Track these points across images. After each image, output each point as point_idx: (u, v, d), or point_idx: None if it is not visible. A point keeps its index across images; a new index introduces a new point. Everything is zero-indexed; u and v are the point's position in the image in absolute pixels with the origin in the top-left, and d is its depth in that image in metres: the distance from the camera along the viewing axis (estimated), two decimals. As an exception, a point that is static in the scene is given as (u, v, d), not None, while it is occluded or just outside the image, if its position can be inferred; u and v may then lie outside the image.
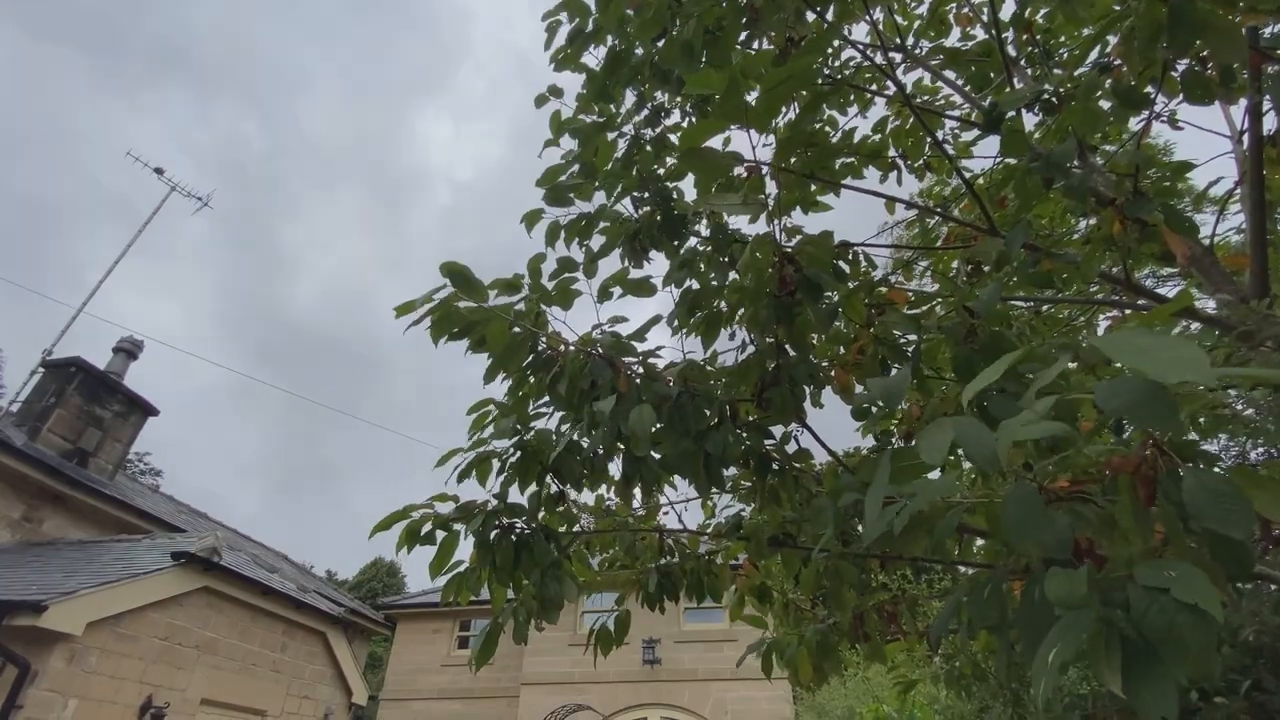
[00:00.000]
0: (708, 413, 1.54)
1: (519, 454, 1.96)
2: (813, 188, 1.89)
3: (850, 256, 1.95)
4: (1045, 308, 2.56)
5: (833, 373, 1.77)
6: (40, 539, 8.52)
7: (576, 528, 2.18)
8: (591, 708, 11.49)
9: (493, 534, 1.84)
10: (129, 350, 11.69)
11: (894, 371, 1.80)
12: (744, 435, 1.58)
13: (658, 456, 1.86)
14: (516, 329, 1.67)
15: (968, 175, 2.65)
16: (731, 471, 2.34)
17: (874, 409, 1.36)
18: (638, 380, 1.61)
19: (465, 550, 1.95)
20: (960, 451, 0.97)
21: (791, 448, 1.81)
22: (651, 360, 1.70)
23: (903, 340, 1.56)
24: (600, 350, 1.68)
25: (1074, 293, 2.58)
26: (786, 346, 1.52)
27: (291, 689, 8.78)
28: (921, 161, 2.37)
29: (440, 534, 1.88)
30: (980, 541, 2.26)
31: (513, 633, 1.85)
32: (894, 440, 2.03)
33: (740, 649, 9.54)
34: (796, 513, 1.92)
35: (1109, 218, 1.56)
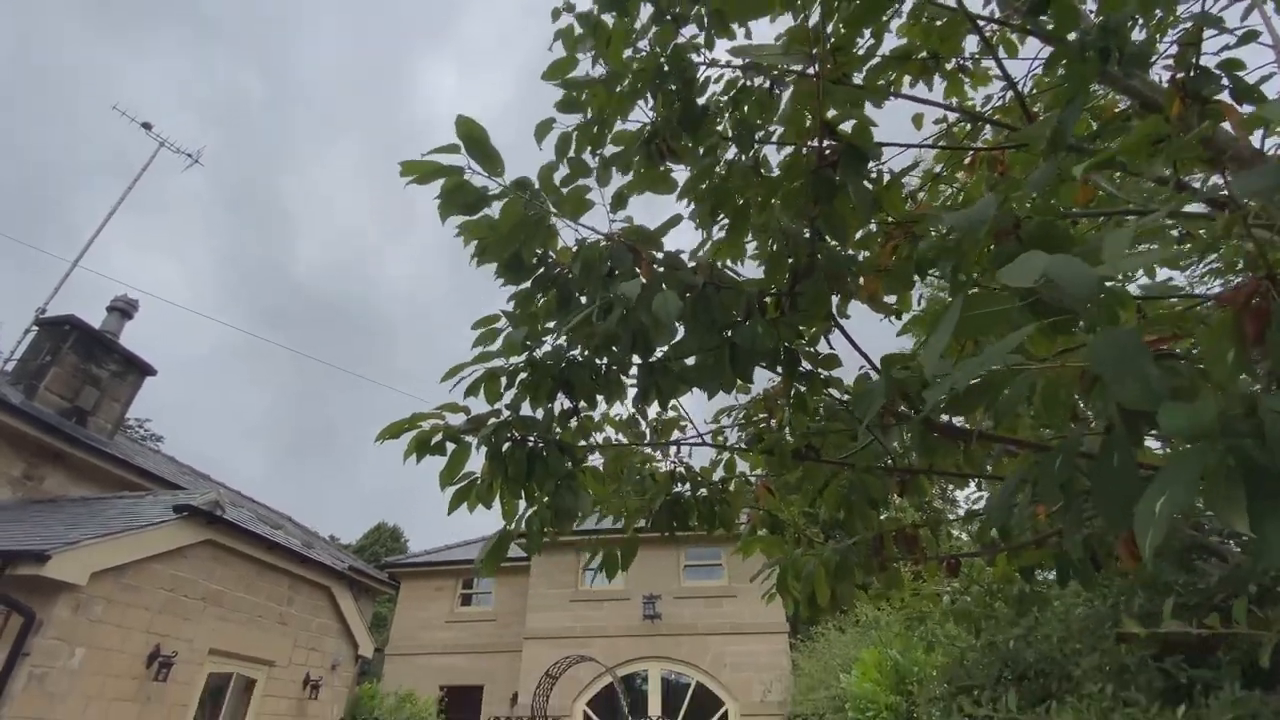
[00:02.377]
0: (735, 313, 1.44)
1: (530, 370, 1.86)
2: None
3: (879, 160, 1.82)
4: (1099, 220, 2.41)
5: (860, 281, 1.66)
6: (42, 496, 8.50)
7: (593, 439, 2.10)
8: (594, 659, 11.71)
9: (505, 446, 1.76)
10: (123, 309, 11.53)
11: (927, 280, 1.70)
12: (774, 329, 1.47)
13: (678, 368, 1.77)
14: (530, 212, 1.55)
15: (1000, 88, 2.49)
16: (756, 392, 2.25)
17: (939, 261, 1.24)
18: (660, 270, 1.50)
19: (475, 464, 1.87)
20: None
21: (822, 348, 1.72)
22: (675, 252, 1.59)
23: (942, 234, 1.45)
24: (620, 236, 1.56)
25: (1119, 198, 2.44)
26: (822, 234, 1.41)
27: (299, 641, 8.89)
28: (954, 63, 2.21)
29: (450, 446, 1.80)
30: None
31: (527, 542, 1.78)
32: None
33: (739, 605, 9.74)
34: (822, 424, 1.84)
35: (1169, 96, 1.44)
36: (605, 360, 1.87)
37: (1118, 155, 1.48)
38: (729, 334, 1.45)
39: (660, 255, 1.52)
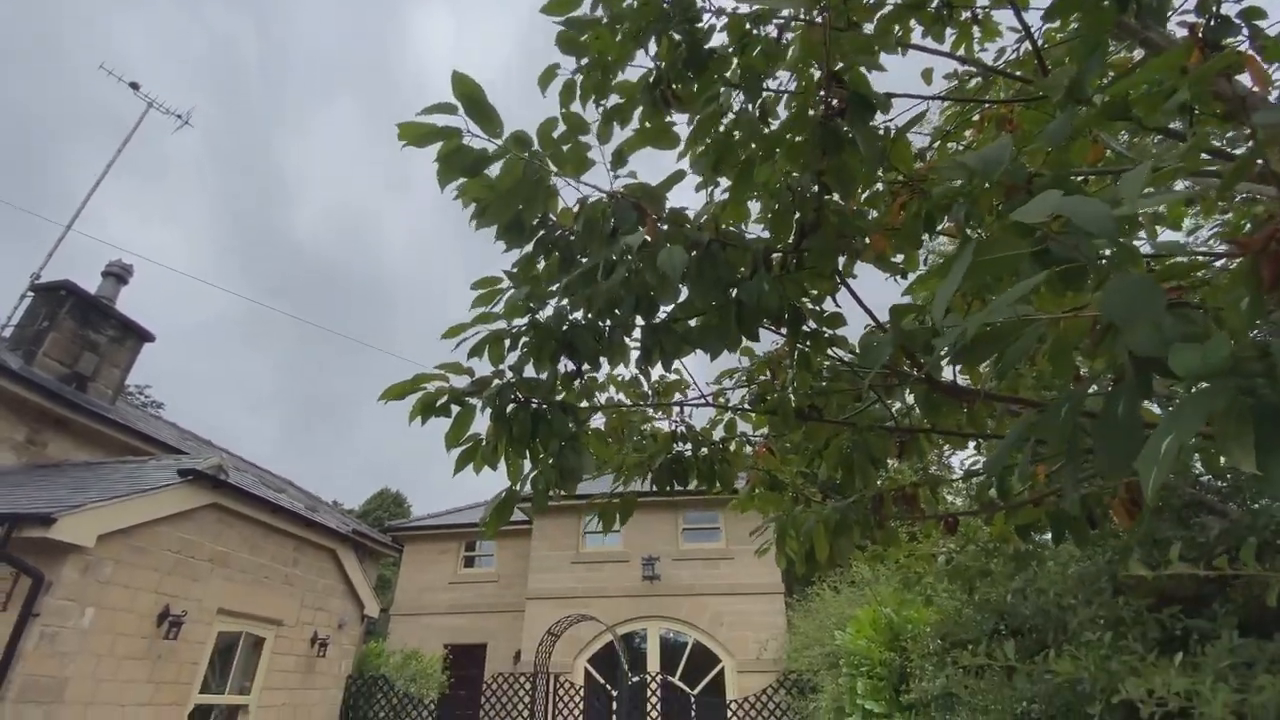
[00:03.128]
0: (740, 270, 1.42)
1: (532, 332, 1.85)
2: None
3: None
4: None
5: (867, 239, 1.64)
6: (45, 461, 8.56)
7: (596, 400, 2.10)
8: (595, 618, 11.99)
9: (509, 407, 1.76)
10: (118, 274, 11.42)
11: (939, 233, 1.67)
12: (780, 286, 1.46)
13: (681, 329, 1.75)
14: (530, 173, 1.51)
15: (1015, 40, 2.42)
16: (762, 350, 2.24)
17: (956, 205, 1.22)
18: (664, 229, 1.48)
19: (480, 426, 1.88)
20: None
21: (828, 307, 1.70)
22: (679, 209, 1.56)
23: (954, 188, 1.42)
24: (623, 193, 1.53)
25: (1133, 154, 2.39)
26: (829, 189, 1.38)
27: (305, 601, 9.07)
28: (967, 14, 2.14)
29: (455, 408, 1.80)
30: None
31: (532, 502, 1.79)
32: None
33: (736, 567, 9.91)
34: (825, 384, 1.84)
35: (1187, 45, 1.40)
36: (608, 323, 1.86)
37: (1132, 107, 1.45)
38: (734, 292, 1.43)
39: (665, 212, 1.50)
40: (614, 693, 10.94)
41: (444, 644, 15.30)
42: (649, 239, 1.41)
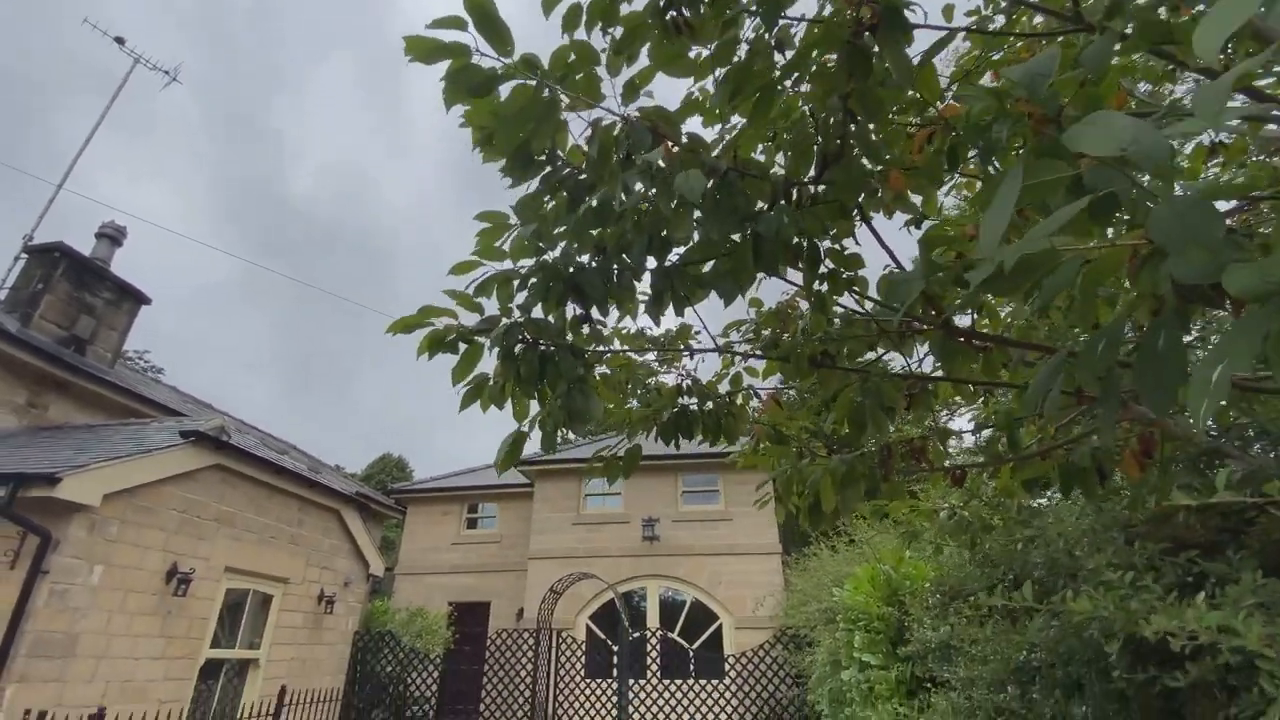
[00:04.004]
0: (758, 202, 1.36)
1: (540, 273, 1.80)
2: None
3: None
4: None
5: (887, 179, 1.57)
6: (47, 424, 8.57)
7: (602, 348, 2.06)
8: (596, 576, 12.21)
9: (517, 347, 1.72)
10: (112, 236, 11.26)
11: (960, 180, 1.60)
12: (800, 220, 1.40)
13: (694, 273, 1.70)
14: (541, 94, 1.44)
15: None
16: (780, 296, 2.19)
17: (994, 125, 1.16)
18: (680, 156, 1.41)
19: (487, 366, 1.84)
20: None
21: (847, 246, 1.64)
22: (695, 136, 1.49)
23: (982, 118, 1.34)
24: (638, 116, 1.46)
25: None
26: (854, 116, 1.30)
27: (311, 560, 9.21)
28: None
29: (463, 346, 1.77)
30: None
31: (541, 441, 1.78)
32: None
33: (734, 528, 10.04)
34: (839, 331, 1.80)
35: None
36: (616, 267, 1.81)
37: (1174, 33, 1.37)
38: (752, 226, 1.36)
39: (682, 139, 1.42)
40: (615, 647, 11.22)
41: (448, 601, 15.63)
42: (664, 165, 1.34)
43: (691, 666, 13.09)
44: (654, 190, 1.35)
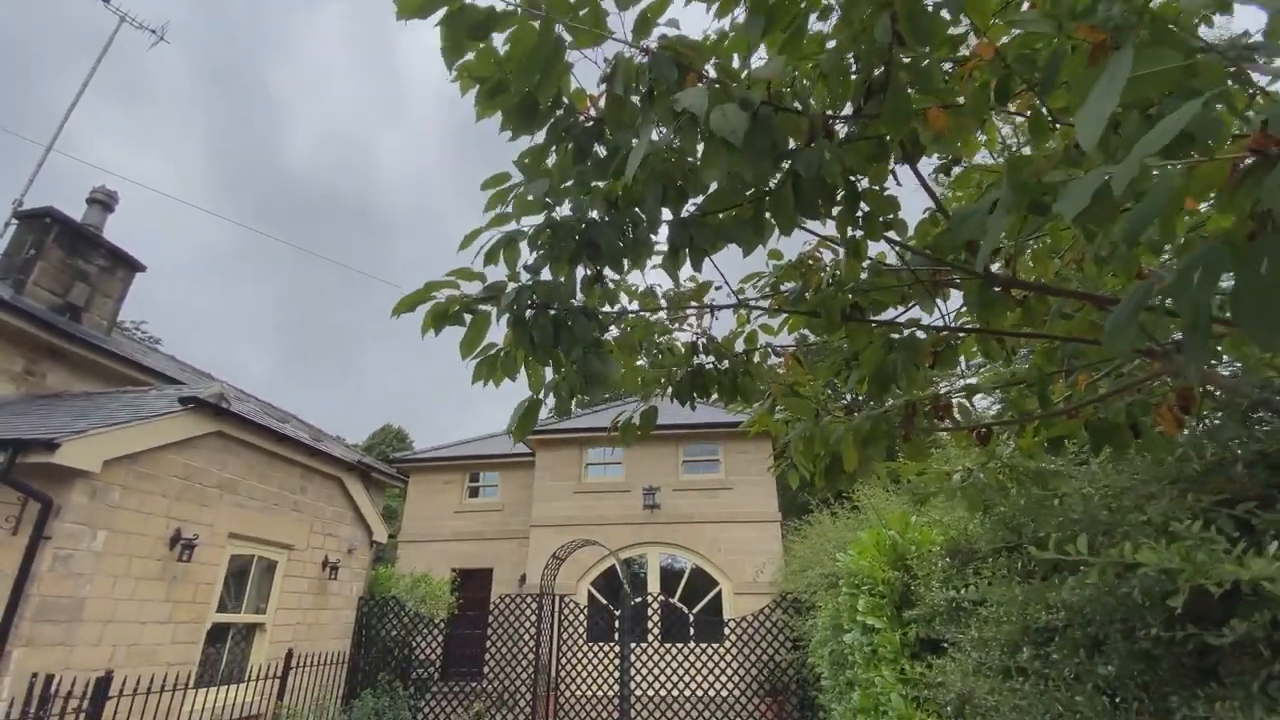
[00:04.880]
0: (794, 140, 1.25)
1: (549, 232, 1.70)
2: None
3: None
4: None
5: (925, 117, 1.45)
6: (45, 391, 8.51)
7: (617, 308, 1.97)
8: (598, 543, 12.32)
9: (528, 312, 1.63)
10: (103, 201, 11.04)
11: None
12: (841, 156, 1.29)
13: (714, 222, 1.60)
14: (546, 34, 1.32)
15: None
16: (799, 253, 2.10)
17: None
18: (711, 91, 1.29)
19: (496, 335, 1.76)
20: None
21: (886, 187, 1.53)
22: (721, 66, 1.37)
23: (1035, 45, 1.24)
24: (661, 47, 1.34)
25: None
26: (901, 38, 1.19)
27: (314, 527, 9.24)
28: None
29: (468, 317, 1.68)
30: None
31: (554, 409, 1.70)
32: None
33: (734, 496, 10.07)
34: (871, 281, 1.71)
35: None
36: (629, 222, 1.70)
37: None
38: (790, 164, 1.26)
39: (708, 74, 1.31)
40: (616, 612, 11.37)
41: (451, 568, 15.81)
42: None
43: (691, 631, 13.30)
44: (676, 135, 1.24)
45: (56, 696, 5.22)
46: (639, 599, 11.51)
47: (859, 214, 1.45)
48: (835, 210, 1.42)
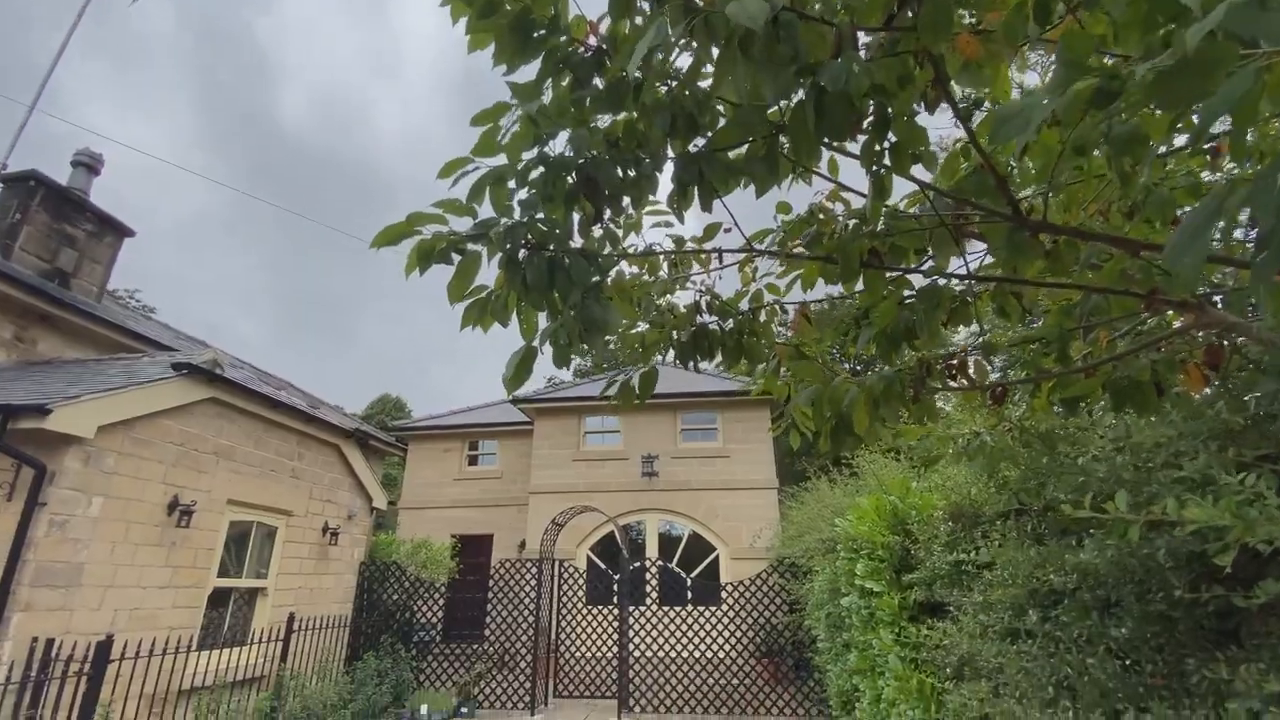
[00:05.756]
0: (818, 54, 1.13)
1: (543, 167, 1.58)
2: None
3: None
4: None
5: (956, 42, 1.33)
6: (37, 359, 8.40)
7: (618, 249, 1.86)
8: (597, 509, 12.39)
9: (521, 253, 1.53)
10: (88, 164, 10.75)
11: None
12: (873, 71, 1.17)
13: (725, 160, 1.49)
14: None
15: None
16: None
17: None
18: None
19: (486, 278, 1.65)
20: None
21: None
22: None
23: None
24: None
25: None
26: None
27: (313, 493, 9.24)
28: None
29: (456, 257, 1.57)
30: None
31: (553, 355, 1.61)
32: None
33: (732, 464, 10.06)
34: (891, 223, 1.61)
35: None
36: (632, 159, 1.59)
37: None
38: (813, 79, 1.14)
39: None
40: (615, 577, 11.50)
41: (451, 534, 15.94)
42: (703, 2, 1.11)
43: (689, 594, 13.50)
44: (688, 35, 1.11)
45: (57, 660, 5.24)
46: (637, 564, 11.63)
47: (885, 145, 1.33)
48: (860, 138, 1.30)
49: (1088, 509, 1.51)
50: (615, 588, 11.24)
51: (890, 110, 1.23)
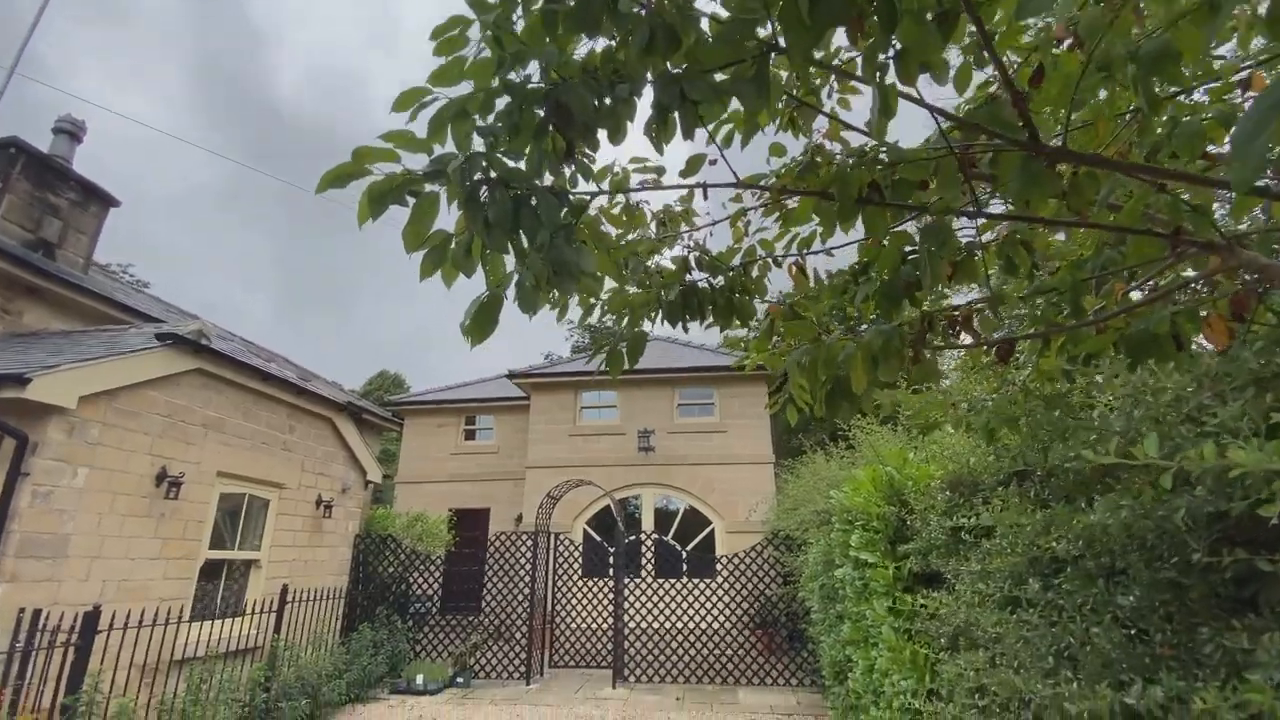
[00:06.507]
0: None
1: (508, 96, 1.43)
2: None
3: None
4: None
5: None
6: (23, 330, 8.25)
7: (591, 187, 1.72)
8: (593, 483, 12.37)
9: (483, 190, 1.39)
10: (70, 131, 10.48)
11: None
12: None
13: (710, 82, 1.34)
14: None
15: None
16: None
17: None
18: None
19: (448, 223, 1.51)
20: None
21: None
22: None
23: None
24: None
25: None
26: None
27: (306, 466, 9.17)
28: None
29: (411, 200, 1.43)
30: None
31: (518, 301, 1.48)
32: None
33: (729, 439, 10.00)
34: (893, 152, 1.47)
35: None
36: (608, 85, 1.44)
37: None
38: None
39: None
40: (611, 549, 11.51)
41: (448, 508, 15.96)
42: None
43: (684, 567, 13.55)
44: None
45: (44, 631, 5.20)
46: (633, 537, 11.64)
47: (890, 53, 1.18)
48: (862, 37, 1.16)
49: (1112, 455, 1.40)
50: (611, 560, 11.26)
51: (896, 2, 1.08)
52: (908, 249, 1.96)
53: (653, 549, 11.43)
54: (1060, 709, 1.88)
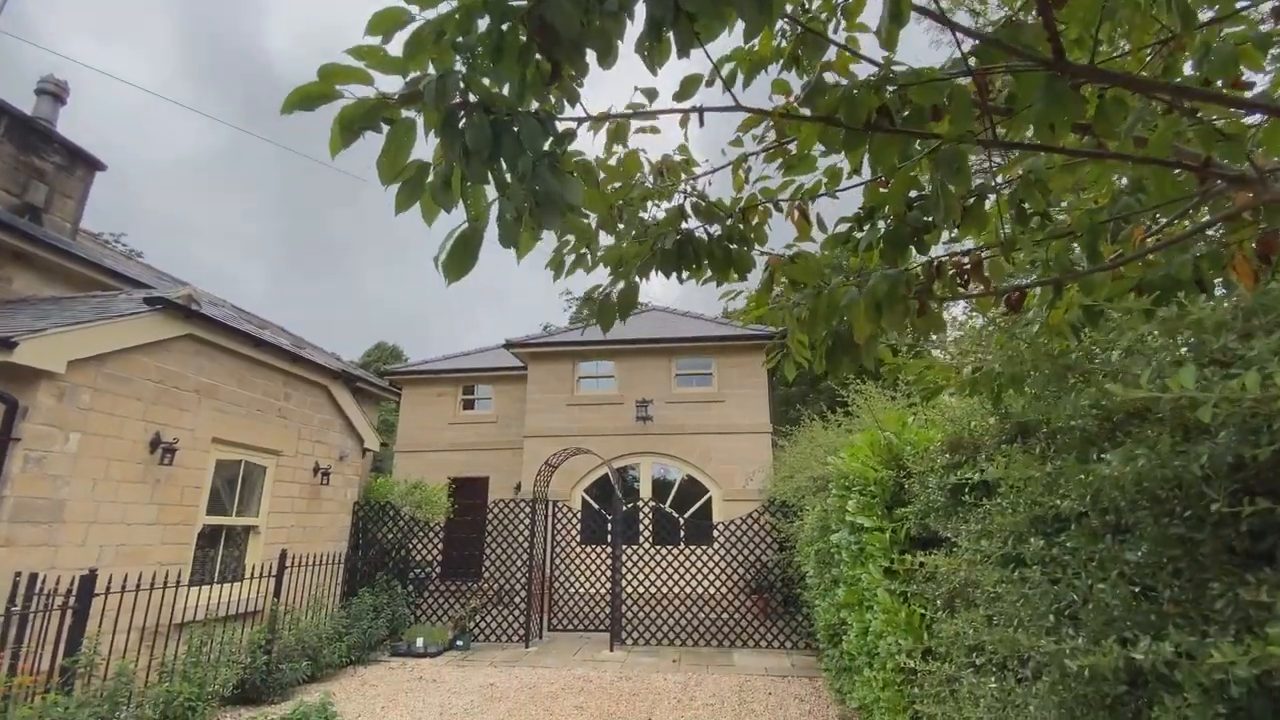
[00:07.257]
0: None
1: (488, 16, 1.32)
2: None
3: None
4: None
5: None
6: (11, 296, 8.12)
7: (578, 112, 1.61)
8: (591, 451, 12.38)
9: (461, 113, 1.29)
10: (53, 93, 10.18)
11: None
12: None
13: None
14: None
15: None
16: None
17: None
18: None
19: (426, 153, 1.40)
20: None
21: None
22: None
23: None
24: None
25: None
26: None
27: (302, 434, 9.14)
28: None
29: (386, 128, 1.33)
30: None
31: (499, 236, 1.39)
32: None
33: (726, 409, 9.95)
34: (905, 74, 1.36)
35: None
36: (595, 3, 1.32)
37: None
38: None
39: None
40: (609, 517, 11.58)
41: (447, 476, 16.02)
42: None
43: (681, 534, 13.65)
44: None
45: (41, 594, 5.20)
46: (630, 504, 11.70)
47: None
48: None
49: (1144, 388, 1.32)
50: (609, 527, 11.33)
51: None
52: (914, 195, 1.86)
53: (650, 516, 11.49)
54: (1061, 665, 1.84)
